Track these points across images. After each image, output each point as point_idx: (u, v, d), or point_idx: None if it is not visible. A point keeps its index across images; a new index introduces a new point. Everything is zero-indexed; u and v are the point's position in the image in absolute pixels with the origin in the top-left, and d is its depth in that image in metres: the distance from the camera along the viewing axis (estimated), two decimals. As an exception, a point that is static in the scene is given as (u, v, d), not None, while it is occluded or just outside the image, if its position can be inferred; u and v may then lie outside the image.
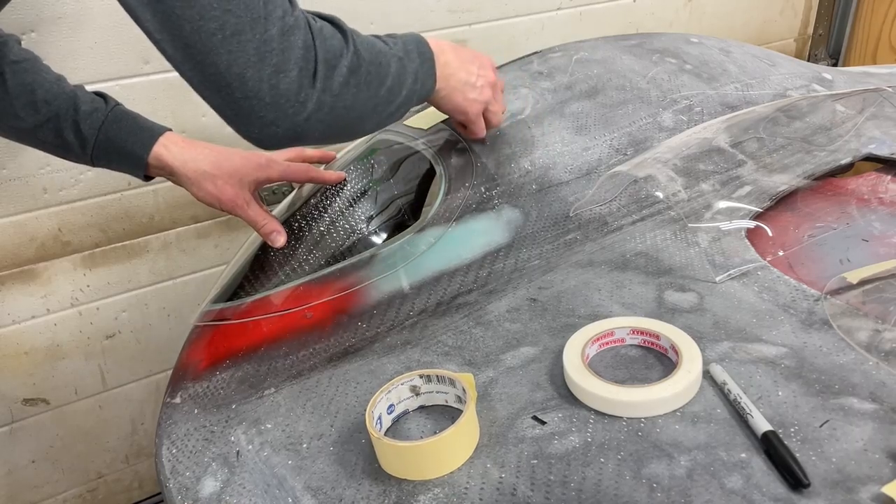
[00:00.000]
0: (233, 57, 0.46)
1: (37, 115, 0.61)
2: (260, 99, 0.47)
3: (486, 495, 0.42)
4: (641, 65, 0.88)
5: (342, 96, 0.51)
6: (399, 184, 0.74)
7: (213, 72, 0.46)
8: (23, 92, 0.60)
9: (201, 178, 0.63)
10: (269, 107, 0.48)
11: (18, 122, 0.61)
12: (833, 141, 0.77)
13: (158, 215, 0.97)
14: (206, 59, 0.46)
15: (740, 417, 0.44)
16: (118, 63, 0.86)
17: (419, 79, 0.59)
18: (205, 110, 0.94)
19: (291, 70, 0.47)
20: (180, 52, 0.46)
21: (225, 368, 0.57)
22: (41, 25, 0.81)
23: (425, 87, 0.60)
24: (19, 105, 0.60)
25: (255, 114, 0.48)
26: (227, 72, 0.46)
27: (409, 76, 0.57)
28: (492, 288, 0.61)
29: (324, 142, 0.55)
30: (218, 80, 0.47)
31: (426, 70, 0.60)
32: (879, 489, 0.38)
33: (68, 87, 0.63)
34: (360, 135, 0.59)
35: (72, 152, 0.63)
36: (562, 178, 0.73)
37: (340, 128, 0.53)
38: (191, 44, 0.45)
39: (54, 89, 0.61)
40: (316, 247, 0.66)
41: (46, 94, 0.61)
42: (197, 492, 0.46)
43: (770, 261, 0.60)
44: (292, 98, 0.48)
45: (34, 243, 0.90)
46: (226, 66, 0.46)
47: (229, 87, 0.47)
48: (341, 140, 0.57)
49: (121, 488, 1.10)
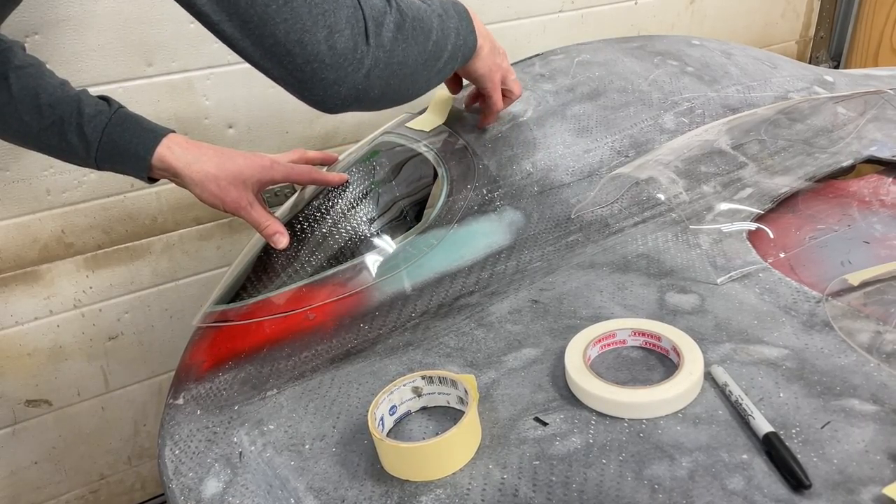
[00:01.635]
0: (289, 24, 0.48)
1: (41, 120, 0.61)
2: (321, 61, 0.50)
3: (488, 496, 0.42)
4: (643, 67, 0.88)
5: (394, 52, 0.53)
6: (401, 185, 0.74)
7: (273, 42, 0.49)
8: (27, 96, 0.61)
9: (205, 179, 0.63)
10: (329, 68, 0.50)
11: (23, 126, 0.61)
12: (834, 143, 0.77)
13: (161, 217, 0.97)
14: (265, 30, 0.48)
15: (742, 419, 0.44)
16: (122, 65, 0.87)
17: (461, 34, 0.61)
18: (207, 113, 0.95)
19: (345, 29, 0.50)
20: (238, 30, 0.48)
21: (227, 370, 0.57)
22: (45, 28, 0.81)
23: (468, 43, 0.63)
24: (24, 109, 0.61)
25: (318, 76, 0.51)
26: (285, 40, 0.48)
27: (451, 32, 0.60)
28: (493, 289, 0.61)
29: (383, 103, 0.57)
30: (278, 50, 0.49)
31: (466, 27, 0.62)
32: (880, 490, 0.38)
33: (72, 91, 0.63)
34: (415, 94, 0.61)
35: (76, 155, 0.63)
36: (563, 179, 0.73)
37: (397, 84, 0.56)
38: (247, 19, 0.48)
39: (58, 93, 0.62)
40: (318, 248, 0.67)
41: (50, 99, 0.61)
42: (200, 492, 0.46)
43: (771, 263, 0.60)
44: (349, 56, 0.51)
45: (37, 245, 0.91)
46: (284, 35, 0.48)
47: (290, 55, 0.49)
48: (399, 100, 0.59)
49: (123, 489, 1.10)
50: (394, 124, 0.80)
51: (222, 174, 0.63)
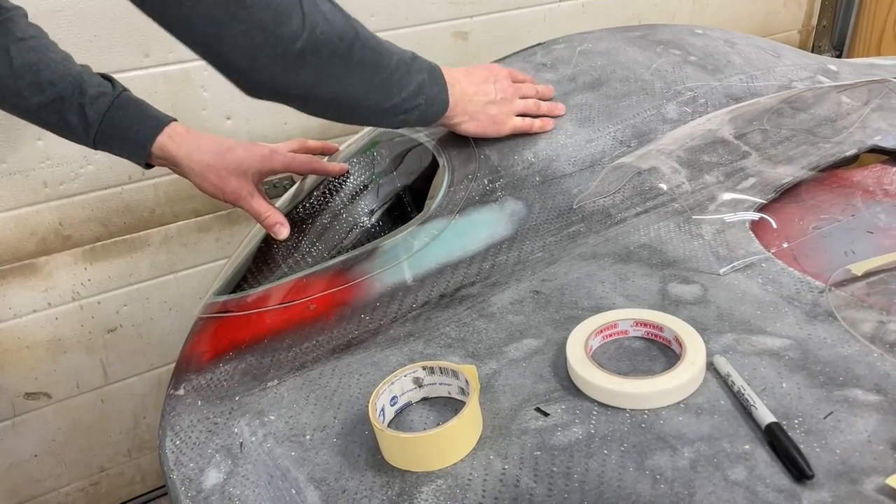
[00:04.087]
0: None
1: (41, 96, 0.60)
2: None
3: (490, 487, 0.41)
4: (645, 56, 0.87)
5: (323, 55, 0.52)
6: (402, 176, 0.73)
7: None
8: (28, 71, 0.59)
9: (205, 169, 0.63)
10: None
11: (22, 100, 0.60)
12: (838, 132, 0.77)
13: (159, 209, 0.97)
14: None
15: (744, 409, 0.44)
16: (118, 56, 0.86)
17: (425, 91, 0.60)
18: (205, 104, 0.94)
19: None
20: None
21: (228, 360, 0.57)
22: (40, 18, 0.80)
23: (435, 104, 0.63)
24: (24, 84, 0.59)
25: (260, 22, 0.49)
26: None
27: (412, 82, 0.59)
28: (495, 280, 0.61)
29: (308, 100, 0.56)
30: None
31: (435, 89, 0.62)
32: (884, 480, 0.38)
33: (75, 68, 0.62)
34: (346, 112, 0.59)
35: (74, 134, 0.62)
36: (565, 170, 0.72)
37: (325, 88, 0.54)
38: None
39: (60, 70, 0.60)
40: (319, 239, 0.66)
41: (52, 76, 0.60)
42: (200, 483, 0.46)
43: (774, 252, 0.59)
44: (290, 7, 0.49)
45: (35, 237, 0.90)
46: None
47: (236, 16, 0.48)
48: (327, 113, 0.58)
49: (123, 482, 1.10)
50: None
51: (222, 164, 0.63)
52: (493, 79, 0.69)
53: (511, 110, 0.69)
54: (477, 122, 0.67)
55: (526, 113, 0.71)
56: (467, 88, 0.66)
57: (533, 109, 0.72)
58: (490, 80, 0.68)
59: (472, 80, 0.66)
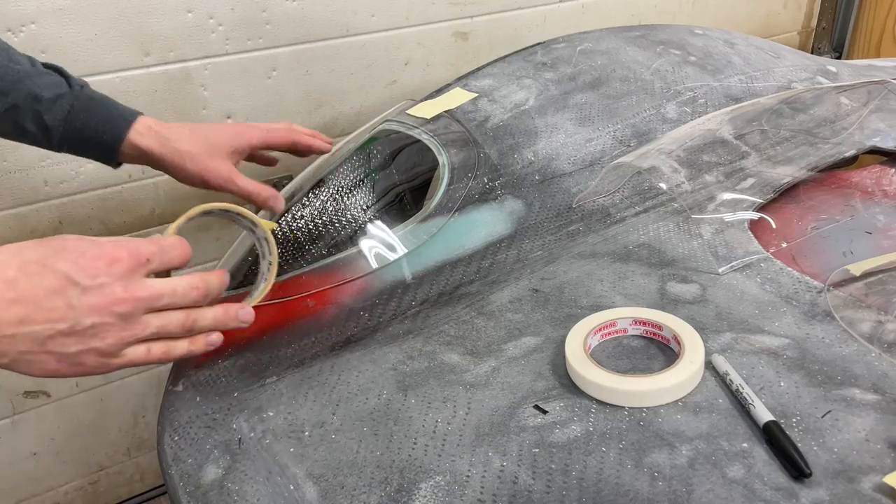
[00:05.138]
0: None
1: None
2: None
3: (488, 483, 0.41)
4: (645, 56, 0.87)
5: None
6: (401, 173, 0.73)
7: None
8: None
9: (179, 158, 0.58)
10: None
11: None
12: (837, 133, 0.77)
13: (159, 208, 0.97)
14: None
15: (742, 408, 0.44)
16: (118, 55, 0.86)
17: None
18: (205, 103, 0.94)
19: None
20: None
21: (227, 357, 0.57)
22: (41, 17, 0.80)
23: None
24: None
25: None
26: None
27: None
28: (494, 278, 0.61)
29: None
30: None
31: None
32: (881, 479, 0.38)
33: (22, 68, 0.55)
34: None
35: (35, 142, 0.58)
36: (565, 169, 0.72)
37: None
38: None
39: (9, 76, 0.54)
40: (318, 236, 0.66)
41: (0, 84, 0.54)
42: (199, 479, 0.46)
43: (773, 252, 0.59)
44: None
45: (35, 236, 0.90)
46: None
47: None
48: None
49: (122, 480, 1.10)
50: (394, 112, 0.80)
51: (196, 149, 0.59)
52: (88, 276, 0.39)
53: (97, 346, 0.39)
54: (33, 364, 0.38)
55: (162, 333, 0.42)
56: (11, 312, 0.36)
57: (176, 325, 0.44)
58: (71, 286, 0.38)
59: (36, 282, 0.37)
